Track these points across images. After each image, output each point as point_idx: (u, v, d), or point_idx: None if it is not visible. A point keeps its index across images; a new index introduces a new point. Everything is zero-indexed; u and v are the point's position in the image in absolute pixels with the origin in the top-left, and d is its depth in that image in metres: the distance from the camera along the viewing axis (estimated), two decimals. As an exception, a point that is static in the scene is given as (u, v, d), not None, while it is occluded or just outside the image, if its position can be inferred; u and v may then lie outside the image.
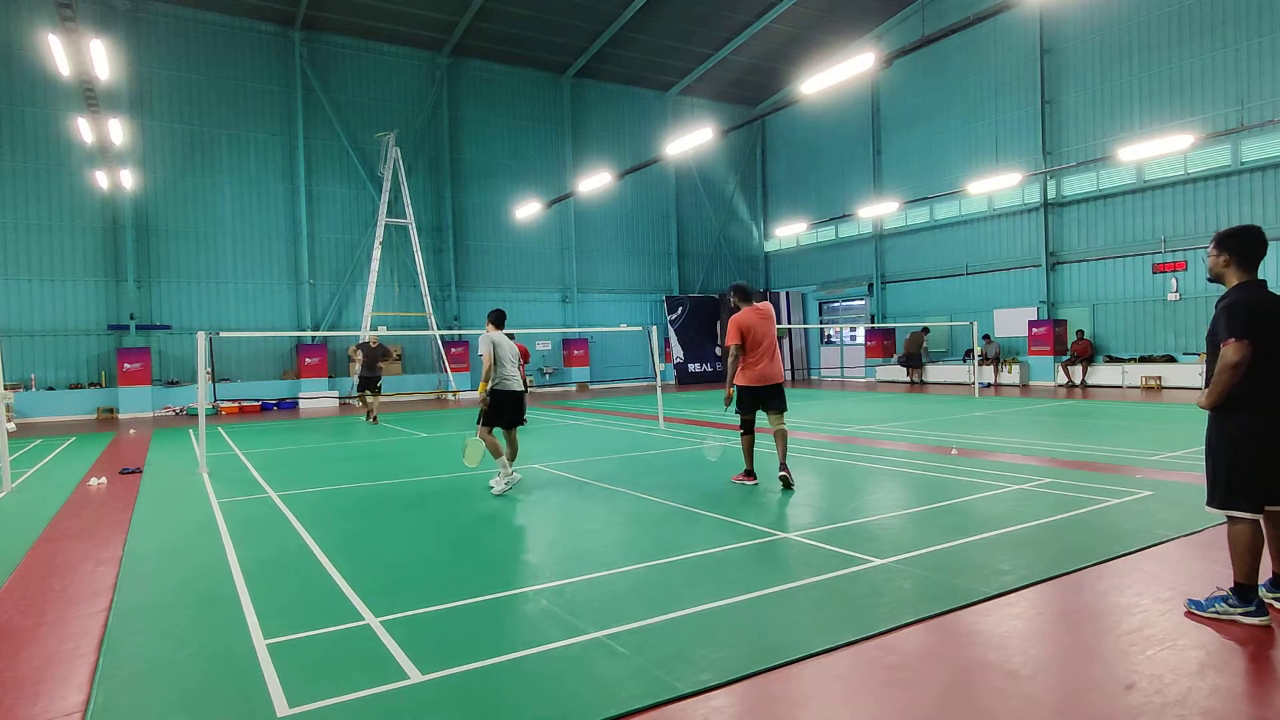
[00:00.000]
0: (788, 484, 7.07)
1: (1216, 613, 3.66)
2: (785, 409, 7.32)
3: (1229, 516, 3.67)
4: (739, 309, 7.37)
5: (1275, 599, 3.84)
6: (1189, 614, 3.74)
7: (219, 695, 3.18)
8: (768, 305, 7.49)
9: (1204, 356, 4.17)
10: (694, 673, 3.23)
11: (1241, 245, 3.67)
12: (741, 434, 7.54)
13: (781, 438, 7.24)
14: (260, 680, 3.28)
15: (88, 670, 3.49)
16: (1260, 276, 3.73)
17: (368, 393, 15.27)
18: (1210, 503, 3.73)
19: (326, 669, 3.38)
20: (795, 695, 3.09)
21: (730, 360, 7.28)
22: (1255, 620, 3.60)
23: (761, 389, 7.24)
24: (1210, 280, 3.84)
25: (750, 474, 7.45)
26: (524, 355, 12.53)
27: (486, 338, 7.51)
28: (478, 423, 7.60)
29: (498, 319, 7.82)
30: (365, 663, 3.42)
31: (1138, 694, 2.99)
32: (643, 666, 3.31)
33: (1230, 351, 3.48)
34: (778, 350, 7.33)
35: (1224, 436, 3.65)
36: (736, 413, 7.46)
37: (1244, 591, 3.64)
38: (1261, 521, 3.66)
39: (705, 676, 3.19)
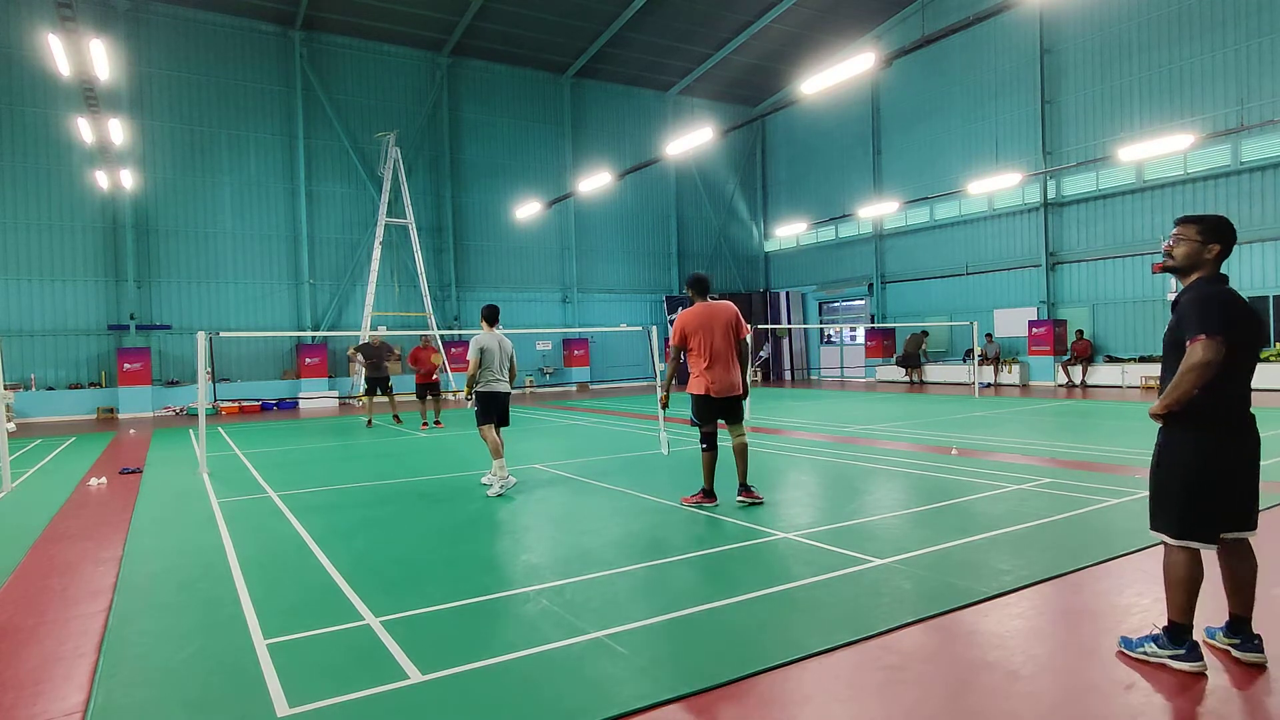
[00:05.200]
0: (756, 502, 6.40)
1: (1145, 654, 3.22)
2: (743, 420, 6.61)
3: (1171, 544, 3.18)
4: (692, 303, 6.55)
5: (1231, 645, 3.27)
6: (1120, 654, 3.32)
7: (219, 695, 3.18)
8: (728, 306, 6.49)
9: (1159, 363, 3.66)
10: (694, 673, 3.23)
11: (1230, 240, 3.19)
12: (704, 449, 6.45)
13: (742, 453, 6.47)
14: (260, 680, 3.28)
15: (88, 670, 3.49)
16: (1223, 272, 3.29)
17: (378, 392, 15.15)
18: (1156, 527, 3.22)
19: (326, 669, 3.38)
20: (795, 695, 3.09)
21: (670, 362, 6.63)
22: (1187, 665, 3.12)
23: (719, 401, 6.40)
24: (1170, 269, 3.28)
25: (709, 494, 6.48)
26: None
27: (475, 342, 7.57)
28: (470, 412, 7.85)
29: (491, 315, 7.82)
30: (365, 663, 3.42)
31: (1138, 694, 2.99)
32: (643, 666, 3.31)
33: (1200, 349, 2.93)
34: (735, 358, 6.46)
35: (1177, 453, 3.14)
36: (694, 424, 6.61)
37: (1178, 632, 3.17)
38: (1217, 553, 3.21)
39: (704, 676, 3.19)
